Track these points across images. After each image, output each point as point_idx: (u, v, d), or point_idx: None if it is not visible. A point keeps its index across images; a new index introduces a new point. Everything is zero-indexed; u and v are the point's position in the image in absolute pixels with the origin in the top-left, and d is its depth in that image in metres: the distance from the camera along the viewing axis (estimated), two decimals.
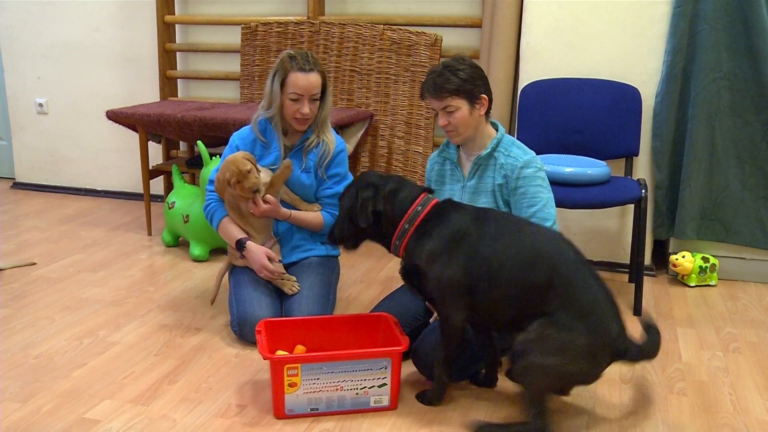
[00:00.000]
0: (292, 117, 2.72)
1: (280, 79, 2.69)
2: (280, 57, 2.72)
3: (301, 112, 2.69)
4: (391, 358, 2.24)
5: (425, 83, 2.46)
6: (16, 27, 4.74)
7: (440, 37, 3.86)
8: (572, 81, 3.44)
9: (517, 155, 2.48)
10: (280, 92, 2.69)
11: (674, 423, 2.26)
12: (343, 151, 2.86)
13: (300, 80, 2.66)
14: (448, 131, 2.50)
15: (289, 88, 2.67)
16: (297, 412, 2.23)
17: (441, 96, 2.43)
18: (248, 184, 2.64)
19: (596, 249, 3.58)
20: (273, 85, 2.71)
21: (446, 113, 2.45)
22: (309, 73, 2.67)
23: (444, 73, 2.42)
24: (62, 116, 4.82)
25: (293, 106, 2.69)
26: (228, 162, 2.67)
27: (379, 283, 3.36)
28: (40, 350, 2.66)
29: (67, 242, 3.85)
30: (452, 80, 2.40)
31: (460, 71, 2.41)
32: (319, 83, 2.70)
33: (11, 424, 2.18)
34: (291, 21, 4.14)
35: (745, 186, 3.38)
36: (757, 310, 3.17)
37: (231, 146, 2.83)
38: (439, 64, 2.50)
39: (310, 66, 2.67)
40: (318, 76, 2.69)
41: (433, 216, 2.23)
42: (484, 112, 2.49)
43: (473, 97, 2.43)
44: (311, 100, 2.70)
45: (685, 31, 3.27)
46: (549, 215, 2.45)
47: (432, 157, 2.70)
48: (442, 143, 2.65)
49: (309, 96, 2.68)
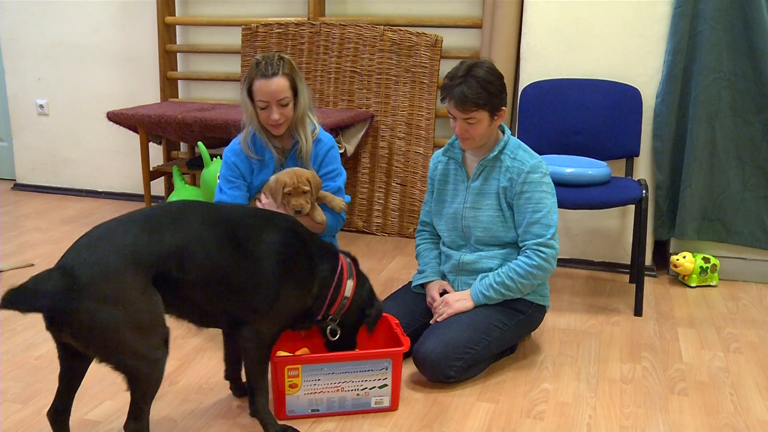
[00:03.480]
0: (266, 123, 2.61)
1: (247, 87, 2.57)
2: (250, 64, 2.59)
3: (271, 119, 2.56)
4: (392, 358, 2.24)
5: (451, 89, 2.39)
6: (17, 28, 4.75)
7: (441, 37, 3.86)
8: (573, 81, 3.44)
9: (523, 159, 2.48)
10: (250, 101, 2.58)
11: (675, 423, 2.26)
12: (333, 147, 2.76)
13: (263, 87, 2.52)
14: (463, 138, 2.48)
15: (256, 96, 2.55)
16: (298, 413, 2.23)
17: (467, 109, 2.38)
18: (295, 202, 2.53)
19: (597, 249, 3.59)
20: (243, 94, 2.60)
21: (467, 123, 2.42)
22: (272, 78, 2.52)
23: (472, 84, 2.36)
24: (63, 117, 4.82)
25: (263, 113, 2.57)
26: (294, 173, 2.55)
27: (380, 284, 3.36)
28: (41, 351, 2.66)
29: (68, 243, 3.81)
30: (482, 95, 2.36)
31: (490, 84, 2.37)
32: (285, 86, 2.54)
33: (12, 425, 2.18)
34: (291, 22, 4.14)
35: (746, 186, 3.38)
36: (758, 310, 3.17)
37: (227, 163, 2.70)
38: (461, 66, 2.41)
39: (273, 70, 2.52)
40: (283, 79, 2.53)
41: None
42: (500, 122, 2.49)
43: (496, 109, 2.42)
44: (279, 105, 2.55)
45: (686, 32, 3.27)
46: (552, 221, 2.46)
47: (436, 156, 2.69)
48: (446, 143, 2.65)
49: (276, 101, 2.53)
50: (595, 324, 2.98)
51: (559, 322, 2.98)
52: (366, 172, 4.10)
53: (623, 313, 3.09)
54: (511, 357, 2.67)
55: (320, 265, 2.14)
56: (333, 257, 2.20)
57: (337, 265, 2.18)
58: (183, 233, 1.90)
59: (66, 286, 1.71)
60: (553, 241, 2.44)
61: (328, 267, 2.16)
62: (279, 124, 2.61)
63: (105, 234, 1.84)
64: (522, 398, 2.39)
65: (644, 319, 3.03)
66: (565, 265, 3.60)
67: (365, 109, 4.04)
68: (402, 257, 3.74)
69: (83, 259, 1.76)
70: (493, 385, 2.47)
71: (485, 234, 2.53)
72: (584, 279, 3.48)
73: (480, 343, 2.43)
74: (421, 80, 3.93)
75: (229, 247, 1.96)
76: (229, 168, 2.69)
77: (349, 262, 2.24)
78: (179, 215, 1.95)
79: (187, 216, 1.95)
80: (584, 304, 3.18)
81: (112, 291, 1.73)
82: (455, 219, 2.59)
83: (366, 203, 4.11)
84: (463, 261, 2.57)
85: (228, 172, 2.70)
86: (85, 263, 1.75)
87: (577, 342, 2.81)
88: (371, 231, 4.12)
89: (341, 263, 2.20)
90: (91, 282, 1.72)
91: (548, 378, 2.53)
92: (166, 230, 1.88)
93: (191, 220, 1.95)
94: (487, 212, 2.52)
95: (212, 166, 3.42)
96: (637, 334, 2.89)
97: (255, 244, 2.01)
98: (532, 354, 2.70)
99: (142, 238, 1.83)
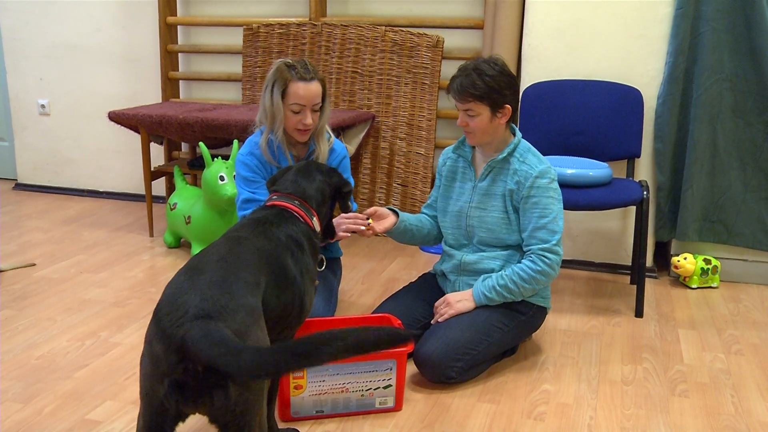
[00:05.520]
0: (294, 128, 2.61)
1: (281, 89, 2.55)
2: (276, 67, 2.57)
3: (304, 123, 2.57)
4: (396, 359, 2.24)
5: (453, 81, 2.44)
6: (19, 28, 4.75)
7: (442, 38, 3.86)
8: (574, 82, 3.44)
9: (532, 163, 2.48)
10: (282, 104, 2.57)
11: (676, 425, 2.26)
12: (346, 157, 2.81)
13: (301, 90, 2.54)
14: (466, 132, 2.51)
15: (290, 99, 2.54)
16: (303, 415, 2.23)
17: (464, 99, 2.42)
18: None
19: (598, 251, 3.58)
20: (273, 97, 2.56)
21: (467, 115, 2.45)
22: (310, 82, 2.55)
23: (472, 75, 2.39)
24: (64, 117, 4.82)
25: (294, 117, 2.57)
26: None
27: (381, 284, 3.36)
28: (42, 351, 2.66)
29: (68, 243, 3.85)
30: (478, 86, 2.38)
31: (488, 77, 2.38)
32: (320, 92, 2.58)
33: (13, 424, 2.18)
34: (293, 22, 4.14)
35: (747, 188, 3.38)
36: (759, 311, 3.16)
37: (246, 164, 2.67)
38: (471, 62, 2.46)
39: (311, 75, 2.55)
40: (319, 85, 2.58)
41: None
42: (506, 121, 2.49)
43: (497, 105, 2.42)
44: (313, 111, 2.58)
45: (687, 33, 3.27)
46: (558, 227, 2.46)
47: (446, 151, 2.70)
48: (454, 141, 2.66)
49: (311, 106, 2.57)
50: (596, 325, 2.98)
51: (560, 324, 2.98)
52: (367, 172, 4.10)
53: (624, 315, 3.09)
54: (512, 358, 2.66)
55: (302, 240, 1.99)
56: (289, 220, 2.01)
57: (298, 220, 2.02)
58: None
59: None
60: (557, 247, 2.44)
61: (300, 229, 2.00)
62: (307, 130, 2.61)
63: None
64: (523, 399, 2.39)
65: (645, 321, 3.03)
66: (566, 266, 3.59)
67: (366, 110, 4.04)
68: (403, 258, 3.74)
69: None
70: (493, 386, 2.47)
71: (489, 235, 2.53)
72: (585, 280, 3.48)
73: (481, 344, 2.43)
74: (423, 81, 3.93)
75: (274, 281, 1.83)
76: (249, 169, 2.68)
77: (297, 204, 2.06)
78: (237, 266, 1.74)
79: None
80: (585, 306, 3.18)
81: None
82: (459, 217, 2.59)
83: (367, 204, 4.11)
84: (465, 261, 2.57)
85: (249, 173, 2.69)
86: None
87: (578, 343, 2.81)
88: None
89: (294, 212, 2.03)
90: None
91: (549, 379, 2.53)
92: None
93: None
94: (492, 213, 2.52)
95: (213, 166, 3.42)
96: (638, 336, 2.89)
97: (289, 270, 1.89)
98: (533, 355, 2.70)
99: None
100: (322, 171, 2.20)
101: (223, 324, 1.51)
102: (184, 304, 1.53)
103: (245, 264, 1.74)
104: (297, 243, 1.97)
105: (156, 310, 1.59)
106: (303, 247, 1.98)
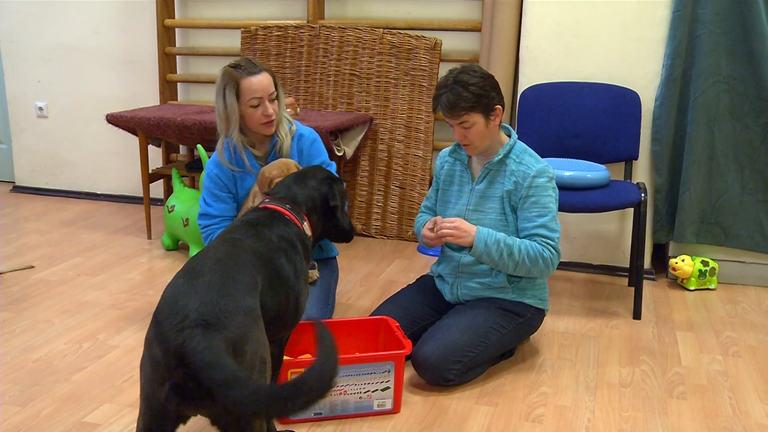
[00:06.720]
0: (259, 124, 2.66)
1: (234, 90, 2.60)
2: (222, 72, 2.63)
3: (267, 114, 2.63)
4: (394, 361, 2.24)
5: (438, 100, 2.42)
6: (16, 30, 4.75)
7: (440, 41, 3.87)
8: (572, 85, 3.44)
9: (529, 163, 2.48)
10: (238, 104, 2.62)
11: (674, 427, 2.26)
12: (316, 140, 2.82)
13: (255, 84, 2.60)
14: (465, 145, 2.50)
15: (246, 96, 2.60)
16: (301, 417, 2.22)
17: (456, 114, 2.40)
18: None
19: (596, 253, 3.59)
20: (227, 100, 2.61)
21: (462, 128, 2.44)
22: (260, 74, 2.61)
23: (455, 88, 2.38)
24: (62, 119, 4.82)
25: (256, 112, 2.63)
26: (283, 163, 2.57)
27: (379, 287, 3.36)
28: (40, 354, 2.66)
29: (66, 245, 3.85)
30: (465, 96, 2.38)
31: (471, 85, 2.38)
32: (272, 82, 2.65)
33: (10, 427, 2.18)
34: (291, 25, 4.14)
35: (745, 190, 3.39)
36: (757, 313, 3.17)
37: (209, 176, 2.73)
38: (449, 75, 2.44)
39: (258, 68, 2.63)
40: (268, 75, 2.64)
41: None
42: (499, 121, 2.49)
43: (488, 109, 2.43)
44: (270, 100, 2.64)
45: (685, 35, 3.28)
46: (557, 226, 2.47)
47: (443, 155, 2.70)
48: (449, 145, 2.66)
49: (268, 96, 2.63)
50: (594, 327, 2.98)
51: (558, 326, 2.98)
52: (365, 175, 4.10)
53: (622, 317, 3.09)
54: (510, 360, 2.67)
55: (295, 242, 2.01)
56: (281, 222, 2.03)
57: (290, 222, 2.05)
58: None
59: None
60: (557, 245, 2.45)
61: (292, 231, 2.02)
62: (271, 121, 2.67)
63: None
64: (521, 401, 2.39)
65: (643, 323, 3.03)
66: (564, 268, 3.60)
67: (364, 112, 4.05)
68: (401, 260, 3.74)
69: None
70: (492, 388, 2.47)
71: None
72: (583, 282, 3.48)
73: (479, 346, 2.43)
74: (421, 83, 3.94)
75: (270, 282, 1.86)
76: (212, 181, 2.74)
77: (289, 208, 2.09)
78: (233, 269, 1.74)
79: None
80: (583, 308, 3.18)
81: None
82: None
83: (365, 206, 4.11)
84: (464, 263, 2.57)
85: (212, 185, 2.75)
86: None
87: (576, 345, 2.81)
88: (370, 234, 4.12)
89: (285, 215, 2.06)
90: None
91: (547, 381, 2.53)
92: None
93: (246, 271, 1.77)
94: (490, 216, 2.52)
95: None
96: (636, 338, 2.89)
97: (283, 269, 1.92)
98: (531, 357, 2.70)
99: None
100: (316, 178, 2.24)
101: (223, 331, 1.52)
102: (183, 308, 1.54)
103: (242, 265, 1.76)
104: (290, 243, 1.99)
105: (155, 313, 1.59)
106: (296, 247, 2.00)
